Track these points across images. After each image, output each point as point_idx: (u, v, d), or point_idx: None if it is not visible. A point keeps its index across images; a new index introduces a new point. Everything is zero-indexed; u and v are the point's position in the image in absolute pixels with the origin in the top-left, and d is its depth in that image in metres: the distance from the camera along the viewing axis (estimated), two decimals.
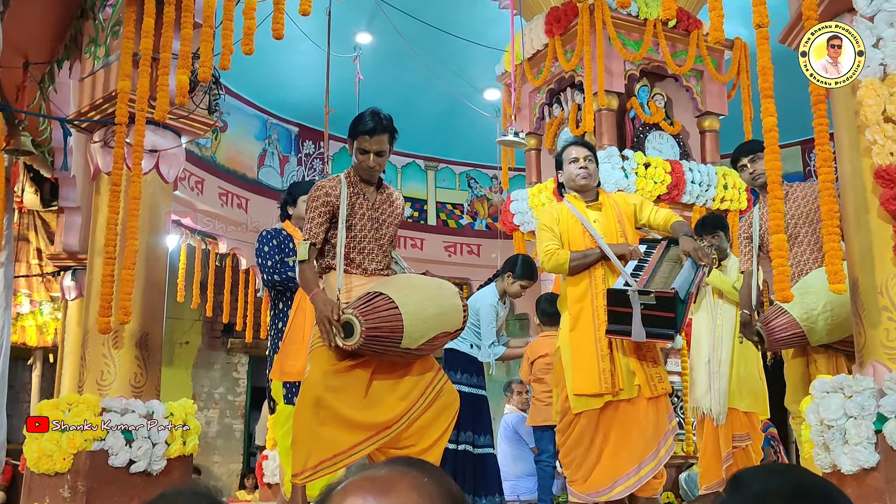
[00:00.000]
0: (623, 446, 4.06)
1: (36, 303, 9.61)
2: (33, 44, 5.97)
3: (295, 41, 8.77)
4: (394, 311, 3.48)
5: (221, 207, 10.13)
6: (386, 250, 3.87)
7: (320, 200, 3.75)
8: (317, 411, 3.55)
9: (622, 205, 4.31)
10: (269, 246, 4.82)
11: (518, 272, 5.02)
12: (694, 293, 4.09)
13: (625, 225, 4.23)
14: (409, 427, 3.69)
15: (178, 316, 10.78)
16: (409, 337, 3.53)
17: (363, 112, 3.83)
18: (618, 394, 4.08)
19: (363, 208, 3.80)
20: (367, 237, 3.79)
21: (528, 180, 8.27)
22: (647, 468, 4.02)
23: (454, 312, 3.76)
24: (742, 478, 1.19)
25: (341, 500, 1.03)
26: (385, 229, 3.86)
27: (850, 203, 3.66)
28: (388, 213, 3.89)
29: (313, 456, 3.51)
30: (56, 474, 4.50)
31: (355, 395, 3.62)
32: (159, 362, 5.04)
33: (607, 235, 4.18)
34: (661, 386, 4.09)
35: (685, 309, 3.99)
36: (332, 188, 3.77)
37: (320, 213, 3.74)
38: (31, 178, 8.26)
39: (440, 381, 3.82)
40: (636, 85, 7.71)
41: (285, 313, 4.77)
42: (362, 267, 3.77)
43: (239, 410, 12.10)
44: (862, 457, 3.32)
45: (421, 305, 3.60)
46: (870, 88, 3.45)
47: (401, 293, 3.56)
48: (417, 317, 3.54)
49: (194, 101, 5.14)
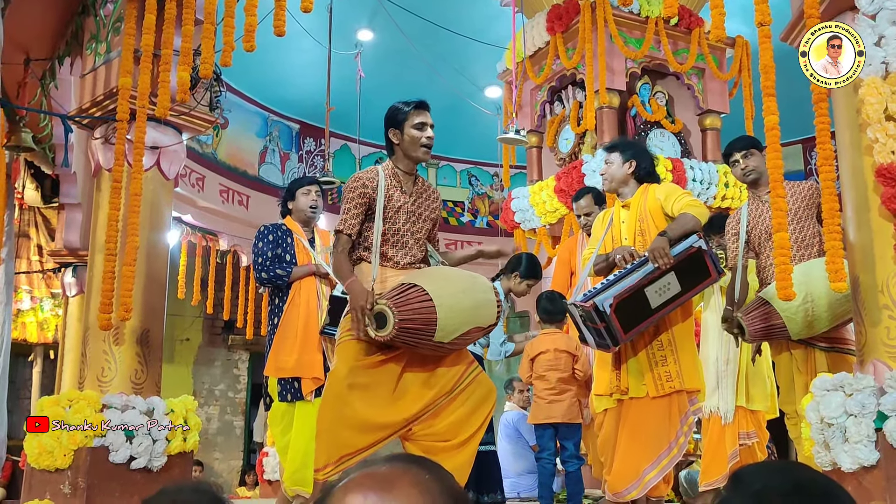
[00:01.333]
0: (631, 447, 4.07)
1: (37, 299, 9.60)
2: (34, 40, 5.96)
3: (296, 38, 8.77)
4: (428, 302, 3.42)
5: (222, 204, 10.14)
6: (422, 244, 3.81)
7: (357, 192, 3.67)
8: (340, 409, 3.52)
9: (649, 200, 4.24)
10: (263, 242, 4.78)
11: (524, 271, 5.02)
12: (662, 294, 3.93)
13: (646, 222, 4.16)
14: (436, 416, 3.64)
15: (179, 313, 10.79)
16: (443, 330, 3.48)
17: (395, 103, 3.77)
18: (625, 392, 4.10)
19: (401, 201, 3.73)
20: (403, 230, 3.73)
21: (529, 178, 8.28)
22: (653, 472, 4.02)
23: (488, 307, 3.69)
24: (743, 475, 1.18)
25: (342, 496, 1.03)
26: (422, 223, 3.79)
27: (851, 201, 3.66)
28: (425, 207, 3.82)
29: (335, 452, 3.49)
30: (56, 470, 4.50)
31: (383, 392, 3.58)
32: (160, 359, 5.04)
33: (629, 236, 4.21)
34: (670, 385, 4.04)
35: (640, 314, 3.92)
36: (369, 180, 3.69)
37: (356, 204, 3.67)
38: (32, 175, 8.26)
39: (473, 372, 3.75)
40: (637, 83, 7.71)
41: (280, 308, 4.75)
42: (394, 260, 3.71)
43: (239, 407, 12.11)
44: (862, 455, 3.32)
45: (456, 298, 3.53)
46: (871, 87, 3.45)
47: (435, 285, 3.50)
48: (452, 309, 3.49)
49: (195, 98, 5.13)
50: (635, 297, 3.90)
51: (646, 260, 3.94)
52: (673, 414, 4.07)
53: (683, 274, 3.96)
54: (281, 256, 4.77)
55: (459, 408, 3.67)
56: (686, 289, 3.99)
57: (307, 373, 4.63)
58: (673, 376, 4.06)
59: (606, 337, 3.93)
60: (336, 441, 3.50)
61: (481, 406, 3.72)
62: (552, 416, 4.75)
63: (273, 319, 4.78)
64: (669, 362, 4.08)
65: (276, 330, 4.72)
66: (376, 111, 12.09)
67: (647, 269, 3.92)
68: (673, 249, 3.92)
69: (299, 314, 4.70)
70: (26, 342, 9.64)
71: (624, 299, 3.88)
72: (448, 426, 3.65)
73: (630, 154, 4.34)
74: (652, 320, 3.99)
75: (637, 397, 4.10)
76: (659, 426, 4.05)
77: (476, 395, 3.71)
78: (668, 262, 3.87)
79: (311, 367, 4.64)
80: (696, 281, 4.02)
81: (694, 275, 4.00)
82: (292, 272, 4.73)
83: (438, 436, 3.64)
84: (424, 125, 3.71)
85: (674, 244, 3.94)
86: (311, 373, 4.64)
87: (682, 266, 3.94)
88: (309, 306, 4.72)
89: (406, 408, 3.60)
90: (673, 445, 4.04)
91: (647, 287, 3.91)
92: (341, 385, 3.54)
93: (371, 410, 3.54)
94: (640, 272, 3.93)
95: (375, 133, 11.16)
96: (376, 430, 3.55)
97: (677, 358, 4.08)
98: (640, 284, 3.90)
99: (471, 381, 3.72)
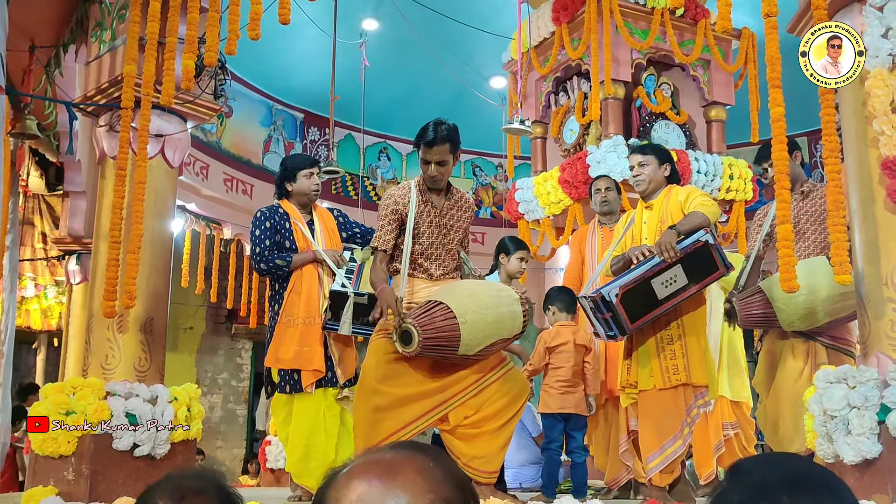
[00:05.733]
0: (641, 435, 4.27)
1: (40, 287, 9.63)
2: (39, 27, 5.96)
3: (301, 27, 8.75)
4: (451, 320, 3.66)
5: (226, 193, 10.14)
6: (454, 254, 4.08)
7: (390, 209, 3.94)
8: (372, 398, 3.81)
9: (672, 201, 4.34)
10: (260, 229, 4.73)
11: (509, 248, 5.05)
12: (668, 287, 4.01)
13: (667, 223, 4.22)
14: (471, 407, 3.91)
15: (183, 301, 10.80)
16: (466, 345, 3.72)
17: (427, 123, 3.95)
18: (634, 387, 4.26)
19: (430, 216, 3.99)
20: (435, 243, 4.00)
21: (534, 169, 8.26)
22: (656, 460, 4.13)
23: (513, 320, 3.90)
24: (741, 466, 1.19)
25: (346, 482, 1.03)
26: (453, 234, 4.05)
27: (856, 194, 3.65)
28: (455, 218, 4.07)
29: (374, 437, 3.75)
30: (60, 457, 4.51)
31: (413, 376, 3.87)
32: (163, 347, 5.04)
33: (650, 236, 4.30)
34: (676, 378, 4.14)
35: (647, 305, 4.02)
36: (400, 196, 3.96)
37: (389, 220, 3.94)
38: (37, 162, 8.28)
39: (506, 366, 4.03)
40: (643, 74, 7.69)
41: (281, 295, 4.71)
42: (428, 272, 3.99)
43: (242, 396, 12.14)
44: (865, 447, 3.33)
45: (479, 314, 3.74)
46: (878, 79, 3.43)
47: (460, 303, 3.73)
48: (475, 326, 3.71)
49: (200, 86, 5.12)
50: (641, 288, 4.00)
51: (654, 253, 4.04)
52: (679, 406, 4.16)
53: (690, 267, 4.04)
54: (280, 244, 4.72)
55: (497, 401, 3.94)
56: (693, 282, 4.06)
57: (307, 365, 4.59)
58: (679, 370, 4.15)
59: (614, 327, 4.05)
60: (372, 429, 3.78)
61: (515, 401, 4.01)
62: (565, 406, 4.78)
63: (274, 306, 4.75)
64: (678, 356, 4.16)
65: (277, 317, 4.69)
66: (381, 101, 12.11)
67: (653, 261, 4.01)
68: (680, 243, 4.00)
69: (300, 303, 4.67)
70: (30, 329, 9.66)
71: (630, 290, 3.98)
72: (483, 417, 3.92)
73: (663, 156, 4.48)
74: (659, 311, 4.08)
75: (645, 389, 4.22)
76: (664, 416, 4.16)
77: (512, 392, 3.99)
78: (674, 254, 3.95)
79: (311, 359, 4.60)
80: (703, 274, 4.08)
81: (701, 268, 4.06)
82: (292, 261, 4.69)
83: (474, 424, 3.91)
84: (428, 163, 3.92)
85: (682, 239, 4.02)
86: (310, 365, 4.60)
87: (689, 259, 4.02)
88: (310, 295, 4.68)
89: (438, 386, 3.88)
90: (677, 437, 4.13)
91: (653, 279, 4.00)
92: (371, 376, 3.83)
93: (402, 390, 3.83)
94: (647, 264, 4.02)
95: (380, 123, 11.26)
96: (409, 402, 3.83)
97: (686, 351, 4.16)
98: (645, 276, 4.00)
99: (504, 373, 4.00)
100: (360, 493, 1.01)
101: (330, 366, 4.67)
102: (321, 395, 4.66)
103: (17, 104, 6.39)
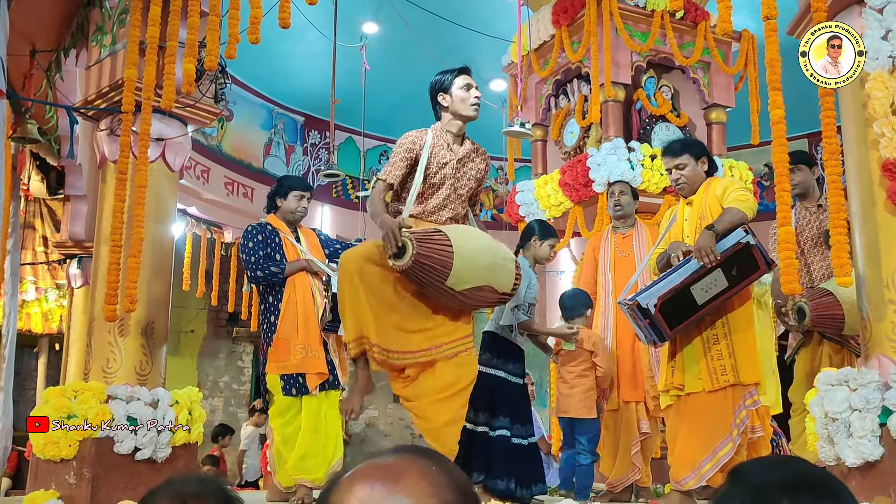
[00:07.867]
0: (689, 439, 4.07)
1: (41, 290, 9.62)
2: (40, 31, 5.96)
3: (301, 30, 8.76)
4: (448, 247, 3.67)
5: (227, 196, 10.14)
6: (464, 202, 4.10)
7: (405, 147, 3.98)
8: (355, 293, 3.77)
9: (710, 196, 4.16)
10: (253, 242, 4.82)
11: (541, 233, 4.99)
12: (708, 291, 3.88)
13: (707, 219, 4.05)
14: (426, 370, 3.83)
15: (184, 304, 10.79)
16: (456, 276, 3.68)
17: (439, 73, 4.18)
18: (680, 389, 4.10)
19: (446, 158, 4.01)
20: (446, 185, 4.01)
21: (534, 171, 8.26)
22: (709, 464, 3.97)
23: (505, 273, 3.88)
24: (742, 470, 1.18)
25: (349, 486, 1.03)
26: (466, 181, 4.08)
27: (856, 196, 3.65)
28: (470, 167, 4.10)
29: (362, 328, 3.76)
30: (62, 461, 4.51)
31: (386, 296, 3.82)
32: (165, 351, 5.05)
33: (691, 234, 4.13)
34: (724, 378, 3.97)
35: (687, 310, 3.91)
36: (417, 137, 4.00)
37: (402, 157, 3.96)
38: (38, 166, 8.27)
39: (467, 342, 3.92)
40: (643, 76, 7.69)
41: (276, 307, 4.78)
42: (435, 214, 4.00)
43: (244, 399, 12.12)
44: (866, 450, 3.32)
45: (475, 252, 3.76)
46: (878, 81, 3.44)
47: (459, 237, 3.76)
48: (468, 261, 3.71)
49: (200, 90, 5.13)
50: (681, 295, 3.87)
51: (692, 256, 3.87)
52: (728, 407, 4.00)
53: (730, 268, 3.88)
54: (271, 256, 4.82)
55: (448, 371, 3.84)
56: (734, 283, 3.91)
57: (311, 369, 4.71)
58: (728, 370, 3.98)
59: (653, 333, 3.98)
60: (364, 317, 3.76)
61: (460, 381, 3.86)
62: (565, 410, 4.84)
63: (268, 317, 4.80)
64: (725, 355, 4.00)
65: (272, 328, 4.76)
66: (381, 104, 12.10)
67: (692, 266, 3.85)
68: (719, 245, 3.83)
69: (297, 312, 4.76)
70: (31, 333, 9.66)
71: (669, 298, 3.87)
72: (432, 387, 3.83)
73: (698, 150, 4.26)
74: (699, 315, 3.96)
75: (693, 392, 4.06)
76: (714, 419, 4.00)
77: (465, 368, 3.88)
78: (714, 259, 3.79)
79: (315, 364, 4.71)
80: (744, 274, 3.93)
81: (742, 268, 3.91)
82: (286, 268, 4.78)
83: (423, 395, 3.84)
84: (470, 86, 4.07)
85: (720, 238, 3.86)
86: (314, 369, 4.72)
87: (729, 262, 3.86)
88: (306, 303, 4.79)
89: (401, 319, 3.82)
90: (728, 439, 3.97)
91: (692, 285, 3.86)
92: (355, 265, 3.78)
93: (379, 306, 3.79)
94: (685, 269, 3.87)
95: (380, 126, 11.26)
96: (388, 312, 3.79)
97: (732, 351, 4.00)
98: (684, 283, 3.86)
99: (462, 351, 3.89)
100: (362, 498, 1.01)
101: (331, 369, 4.79)
102: (323, 397, 4.77)
103: (18, 108, 6.40)
